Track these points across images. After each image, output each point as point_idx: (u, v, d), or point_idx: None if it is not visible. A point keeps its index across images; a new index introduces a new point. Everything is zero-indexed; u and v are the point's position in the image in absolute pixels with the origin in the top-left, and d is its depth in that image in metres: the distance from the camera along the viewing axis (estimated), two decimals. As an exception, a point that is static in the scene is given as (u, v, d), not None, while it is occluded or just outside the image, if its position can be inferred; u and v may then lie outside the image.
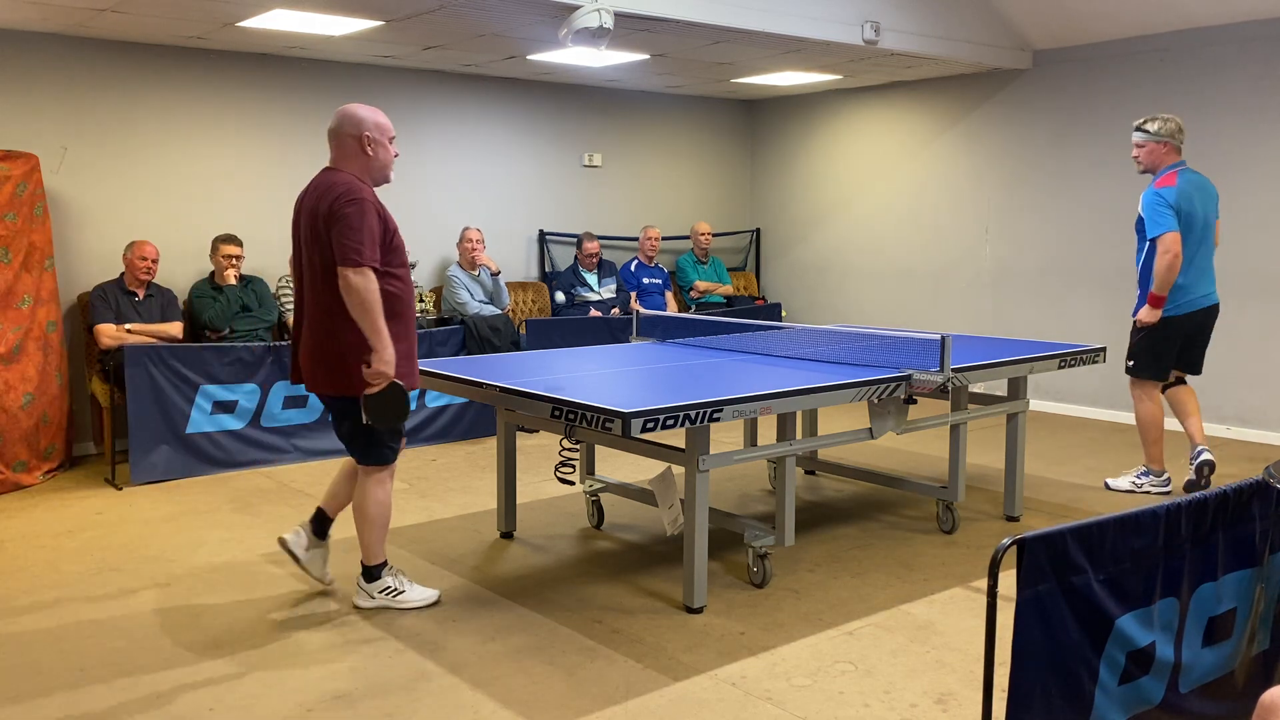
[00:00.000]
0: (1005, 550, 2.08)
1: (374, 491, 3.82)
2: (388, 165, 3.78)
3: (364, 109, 3.75)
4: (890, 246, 8.85)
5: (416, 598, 3.89)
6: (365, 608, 3.87)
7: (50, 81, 6.33)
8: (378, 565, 3.89)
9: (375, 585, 3.88)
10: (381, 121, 3.76)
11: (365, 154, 3.71)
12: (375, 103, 7.56)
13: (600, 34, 5.44)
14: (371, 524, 3.83)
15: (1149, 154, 5.23)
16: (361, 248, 3.51)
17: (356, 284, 3.51)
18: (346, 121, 3.71)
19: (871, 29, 6.67)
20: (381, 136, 3.74)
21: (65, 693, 3.22)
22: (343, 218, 3.53)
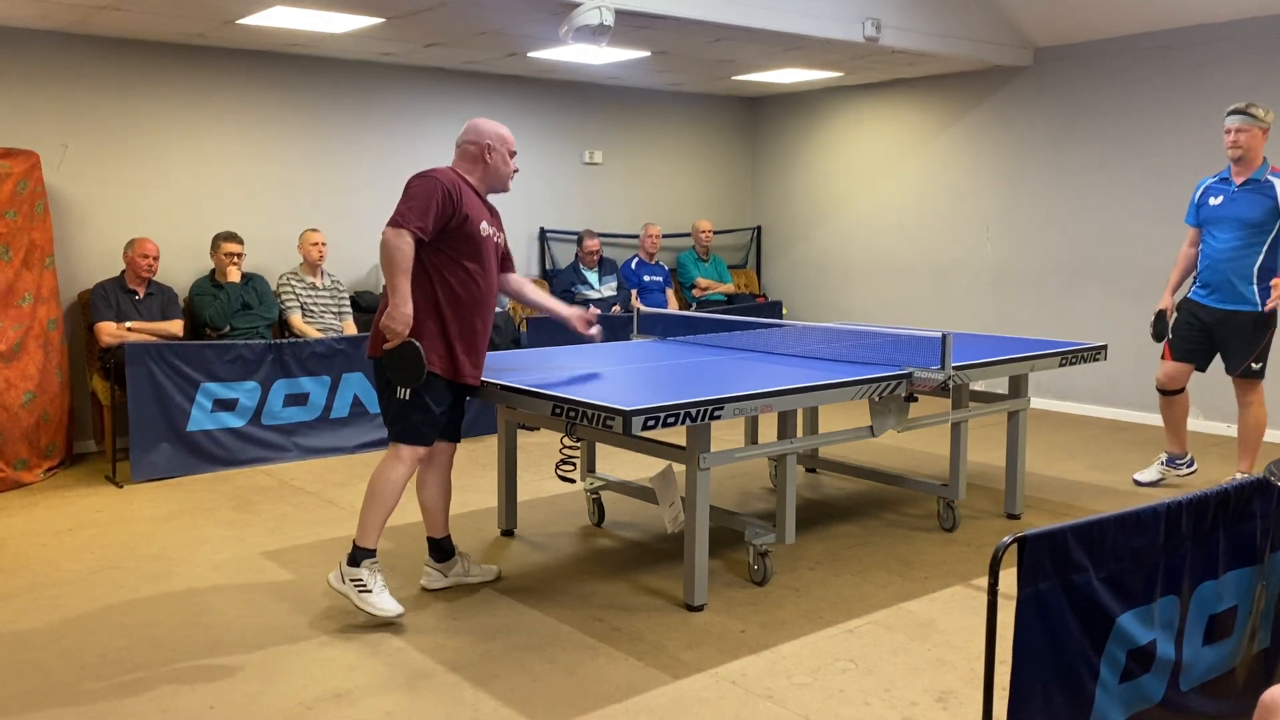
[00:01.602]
0: (1006, 548, 2.08)
1: (392, 470, 3.76)
2: (506, 176, 3.95)
3: (488, 122, 3.96)
4: (891, 244, 8.84)
5: (380, 605, 3.70)
6: (332, 586, 3.79)
7: (50, 79, 6.33)
8: (366, 551, 3.76)
9: (351, 571, 3.75)
10: (504, 134, 3.94)
11: (484, 161, 3.89)
12: (376, 100, 7.58)
13: (601, 31, 5.44)
14: (379, 502, 3.76)
15: (1250, 139, 4.95)
16: (409, 212, 3.63)
17: (388, 238, 3.61)
18: (469, 132, 3.93)
19: (872, 26, 6.66)
20: (502, 148, 3.92)
21: (65, 691, 3.22)
22: (407, 187, 3.74)
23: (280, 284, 6.76)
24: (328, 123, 7.40)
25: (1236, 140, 4.97)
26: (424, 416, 3.74)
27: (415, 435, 3.76)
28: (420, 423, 3.75)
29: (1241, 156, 4.99)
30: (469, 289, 3.76)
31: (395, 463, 3.77)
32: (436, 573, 4.07)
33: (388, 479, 3.76)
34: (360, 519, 3.79)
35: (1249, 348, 5.10)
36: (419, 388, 3.67)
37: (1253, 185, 5.00)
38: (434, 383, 3.72)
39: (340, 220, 7.45)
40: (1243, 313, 5.06)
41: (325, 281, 6.91)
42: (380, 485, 3.76)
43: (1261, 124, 4.97)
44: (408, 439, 3.76)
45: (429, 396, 3.72)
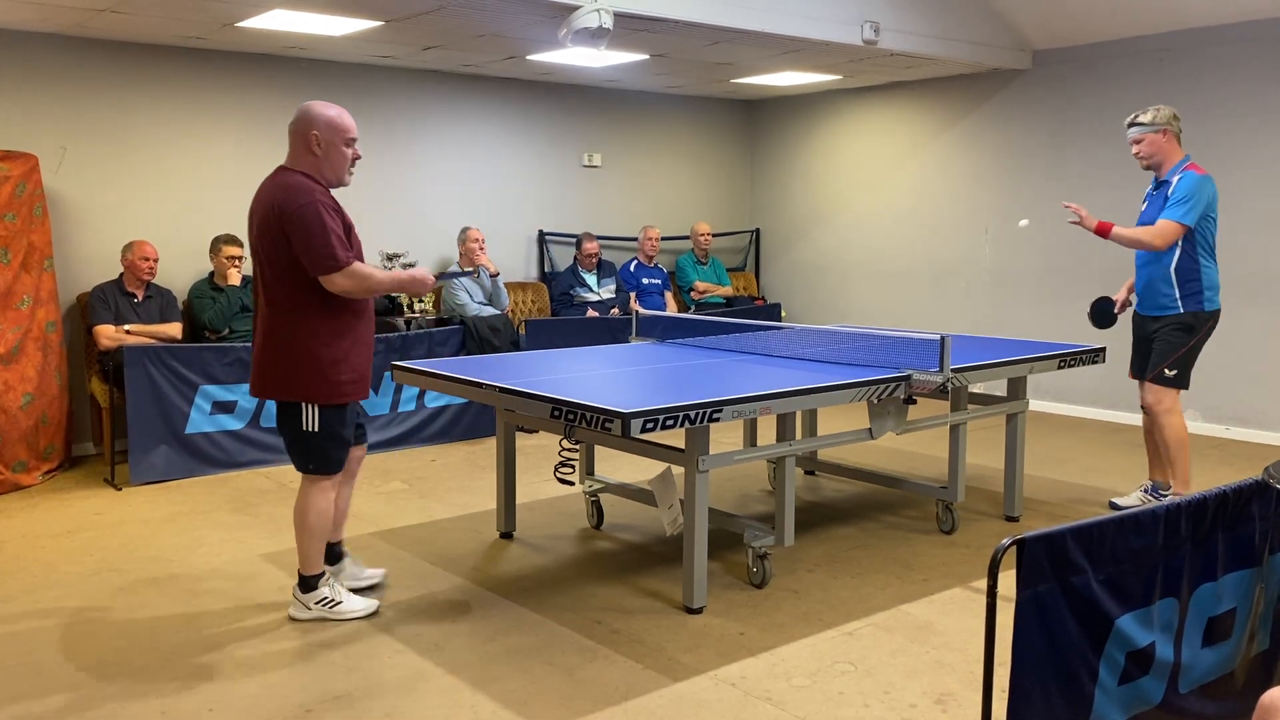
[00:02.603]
0: (1005, 550, 2.08)
1: (315, 500, 3.68)
2: (340, 168, 3.61)
3: (321, 106, 3.58)
4: (890, 246, 8.85)
5: (354, 608, 3.77)
6: (300, 619, 3.74)
7: (50, 81, 6.33)
8: (315, 576, 3.75)
9: (312, 596, 3.75)
10: (335, 120, 3.56)
11: (313, 154, 3.56)
12: (375, 103, 7.58)
13: (600, 34, 5.44)
14: (311, 533, 3.70)
15: (1150, 145, 4.89)
16: (333, 250, 3.45)
17: (347, 286, 3.49)
18: (298, 119, 3.57)
19: (871, 29, 6.67)
20: (334, 137, 3.56)
21: (64, 693, 3.22)
22: (301, 225, 3.43)
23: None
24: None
25: (1138, 151, 4.93)
26: (335, 445, 3.67)
27: (332, 464, 3.70)
28: (333, 451, 3.68)
29: (1149, 164, 4.94)
30: (358, 300, 3.64)
31: (318, 493, 3.69)
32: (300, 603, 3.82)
33: (317, 509, 3.69)
34: (300, 552, 3.73)
35: (1166, 352, 4.92)
36: (330, 421, 3.60)
37: (1163, 186, 4.92)
38: (343, 411, 3.66)
39: (339, 223, 7.44)
40: (1166, 316, 4.92)
41: (324, 284, 6.90)
42: (311, 518, 3.69)
43: (1155, 127, 4.86)
44: (327, 470, 3.69)
45: (338, 426, 3.65)
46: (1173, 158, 4.90)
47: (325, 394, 3.59)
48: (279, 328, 3.55)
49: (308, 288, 3.52)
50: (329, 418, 3.62)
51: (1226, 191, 6.61)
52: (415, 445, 6.56)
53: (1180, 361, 4.93)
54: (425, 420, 6.62)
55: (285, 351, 3.55)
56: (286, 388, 3.58)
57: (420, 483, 5.72)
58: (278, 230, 3.48)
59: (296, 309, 3.53)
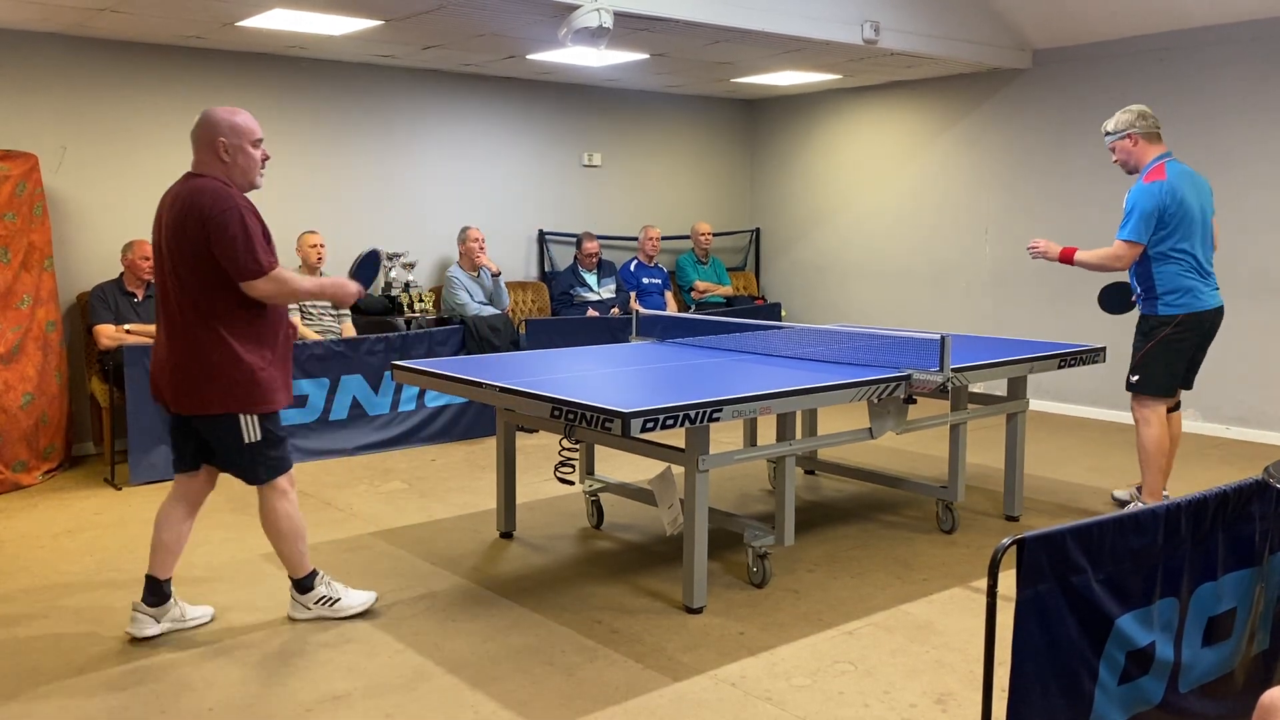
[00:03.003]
0: (1005, 550, 2.08)
1: (279, 505, 3.62)
2: (250, 171, 3.51)
3: (222, 111, 3.50)
4: (890, 246, 8.85)
5: (354, 603, 3.79)
6: (301, 619, 3.76)
7: (50, 81, 6.33)
8: (308, 576, 3.75)
9: (310, 596, 3.75)
10: (239, 124, 3.48)
11: (222, 160, 3.47)
12: (375, 103, 7.58)
13: (600, 33, 5.44)
14: (288, 539, 3.66)
15: (1123, 152, 4.82)
16: (253, 254, 3.36)
17: (270, 291, 3.41)
18: (202, 126, 3.48)
19: (871, 29, 6.67)
20: (240, 141, 3.47)
21: (64, 693, 3.22)
22: (222, 230, 3.34)
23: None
24: (326, 125, 7.40)
25: (1113, 160, 4.91)
26: (280, 442, 3.61)
27: (281, 464, 3.63)
28: (280, 449, 3.61)
29: (1126, 170, 4.88)
30: (271, 314, 3.56)
31: (279, 497, 3.63)
32: (149, 619, 3.61)
33: (287, 515, 3.64)
34: (284, 560, 3.72)
35: (1132, 357, 4.89)
36: (269, 427, 3.53)
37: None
38: (278, 416, 3.60)
39: (339, 222, 7.45)
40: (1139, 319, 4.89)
41: (324, 284, 6.90)
42: (282, 525, 3.64)
43: (1119, 134, 4.81)
44: (278, 471, 3.61)
45: (278, 429, 3.59)
46: (1144, 160, 4.80)
47: (261, 402, 3.50)
48: (202, 338, 3.42)
49: (230, 295, 3.42)
50: (266, 423, 3.53)
51: (1226, 191, 6.62)
52: (415, 445, 6.56)
53: (1140, 367, 4.83)
54: (425, 420, 6.63)
55: (213, 362, 3.43)
56: (219, 401, 3.45)
57: (420, 482, 5.72)
58: (198, 235, 3.36)
59: (219, 317, 3.42)
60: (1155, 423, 4.83)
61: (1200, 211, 4.77)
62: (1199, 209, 4.76)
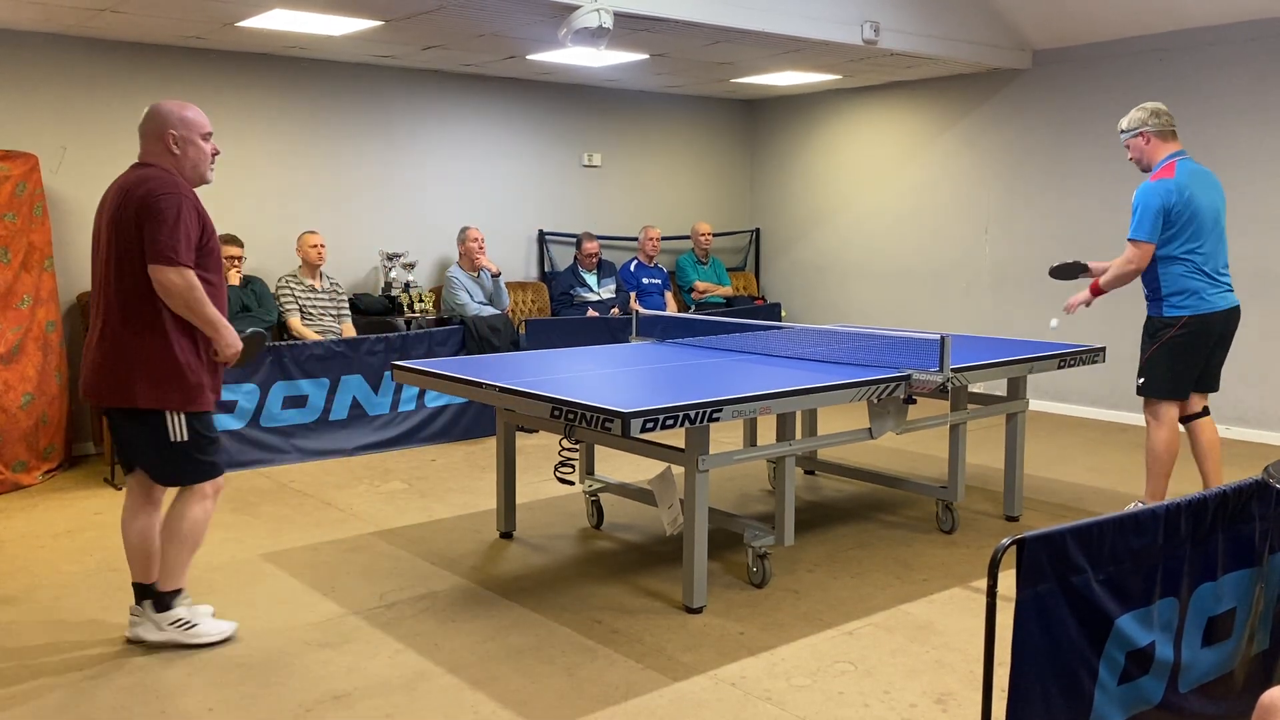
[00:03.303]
0: (1005, 550, 2.08)
1: (193, 509, 3.46)
2: (200, 164, 3.46)
3: (170, 104, 3.43)
4: (890, 246, 8.85)
5: (211, 631, 3.52)
6: (150, 641, 3.48)
7: (49, 81, 6.33)
8: (173, 593, 3.49)
9: (166, 616, 3.49)
10: (190, 117, 3.42)
11: (171, 154, 3.40)
12: (375, 103, 7.58)
13: (600, 34, 5.44)
14: (181, 544, 3.46)
15: (1135, 151, 4.73)
16: (177, 245, 3.25)
17: (175, 284, 3.26)
18: (150, 119, 3.40)
19: (871, 29, 6.67)
20: (190, 133, 3.41)
21: (63, 693, 3.22)
22: (156, 212, 3.25)
23: (279, 287, 6.76)
24: (327, 125, 7.40)
25: (1130, 158, 4.80)
26: (211, 448, 3.49)
27: (210, 469, 3.49)
28: (210, 454, 3.49)
29: (1140, 168, 4.77)
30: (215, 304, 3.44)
31: (198, 502, 3.47)
32: (151, 623, 3.54)
33: (194, 520, 3.47)
34: (165, 564, 3.48)
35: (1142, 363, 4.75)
36: (198, 427, 3.42)
37: None
38: (208, 416, 3.49)
39: (339, 223, 7.46)
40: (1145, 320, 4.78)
41: (324, 284, 6.91)
42: (188, 528, 3.46)
43: (1131, 132, 4.72)
44: (205, 475, 3.48)
45: (209, 431, 3.47)
46: (1155, 158, 4.69)
47: (190, 400, 3.39)
48: (136, 329, 3.32)
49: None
50: (195, 424, 3.42)
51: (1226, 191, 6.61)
52: (415, 445, 6.56)
53: (1145, 369, 4.71)
54: (425, 420, 6.62)
55: (145, 355, 3.31)
56: (145, 395, 3.33)
57: (420, 482, 5.72)
58: (135, 222, 3.29)
59: (157, 309, 3.32)
60: (1163, 425, 4.69)
61: (1213, 211, 4.63)
62: (1211, 209, 4.62)
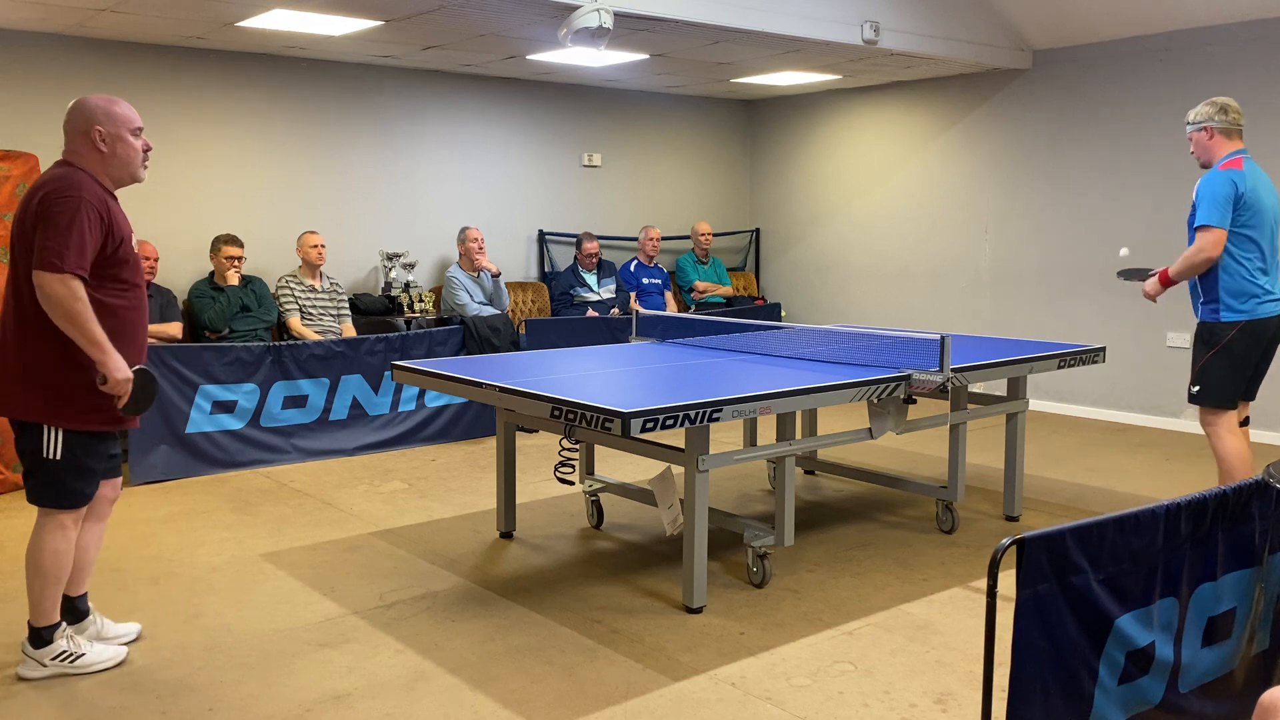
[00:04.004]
0: (1005, 550, 2.08)
1: (49, 539, 3.19)
2: (131, 162, 3.26)
3: (96, 99, 3.23)
4: (890, 246, 8.85)
5: (99, 658, 3.31)
6: (34, 678, 3.25)
7: (49, 81, 6.33)
8: (49, 627, 3.25)
9: (46, 652, 3.26)
10: (118, 112, 3.23)
11: (98, 151, 3.19)
12: (374, 103, 7.58)
13: (600, 34, 5.44)
14: (45, 578, 3.20)
15: (1198, 146, 4.52)
16: (65, 251, 3.00)
17: (56, 293, 3.00)
18: (74, 115, 3.20)
19: (871, 29, 6.67)
20: (119, 129, 3.22)
21: (63, 692, 3.22)
22: (49, 216, 3.03)
23: (279, 286, 6.76)
24: (326, 125, 7.40)
25: (1193, 152, 4.62)
26: (84, 476, 3.22)
27: (74, 498, 3.22)
28: (82, 483, 3.22)
29: (1201, 163, 4.59)
30: (126, 318, 3.21)
31: (56, 531, 3.20)
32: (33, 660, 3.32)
33: (54, 551, 3.20)
34: (32, 600, 3.24)
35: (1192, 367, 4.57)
36: (76, 450, 3.17)
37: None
38: (97, 441, 3.23)
39: (339, 223, 7.46)
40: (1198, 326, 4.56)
41: (324, 284, 6.91)
42: (46, 560, 3.20)
43: (1196, 125, 4.54)
44: (69, 504, 3.21)
45: (88, 459, 3.21)
46: (1217, 155, 4.49)
47: (71, 417, 3.15)
48: (28, 335, 3.12)
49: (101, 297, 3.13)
50: (74, 445, 3.17)
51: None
52: (415, 445, 6.56)
53: (1200, 377, 4.49)
54: (425, 420, 6.63)
55: (29, 364, 3.12)
56: (25, 405, 3.13)
57: (420, 483, 5.73)
58: (32, 224, 3.09)
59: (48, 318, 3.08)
60: (1226, 432, 4.49)
61: (1273, 212, 4.48)
62: (1273, 210, 4.48)
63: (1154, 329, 7.16)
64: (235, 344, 6.03)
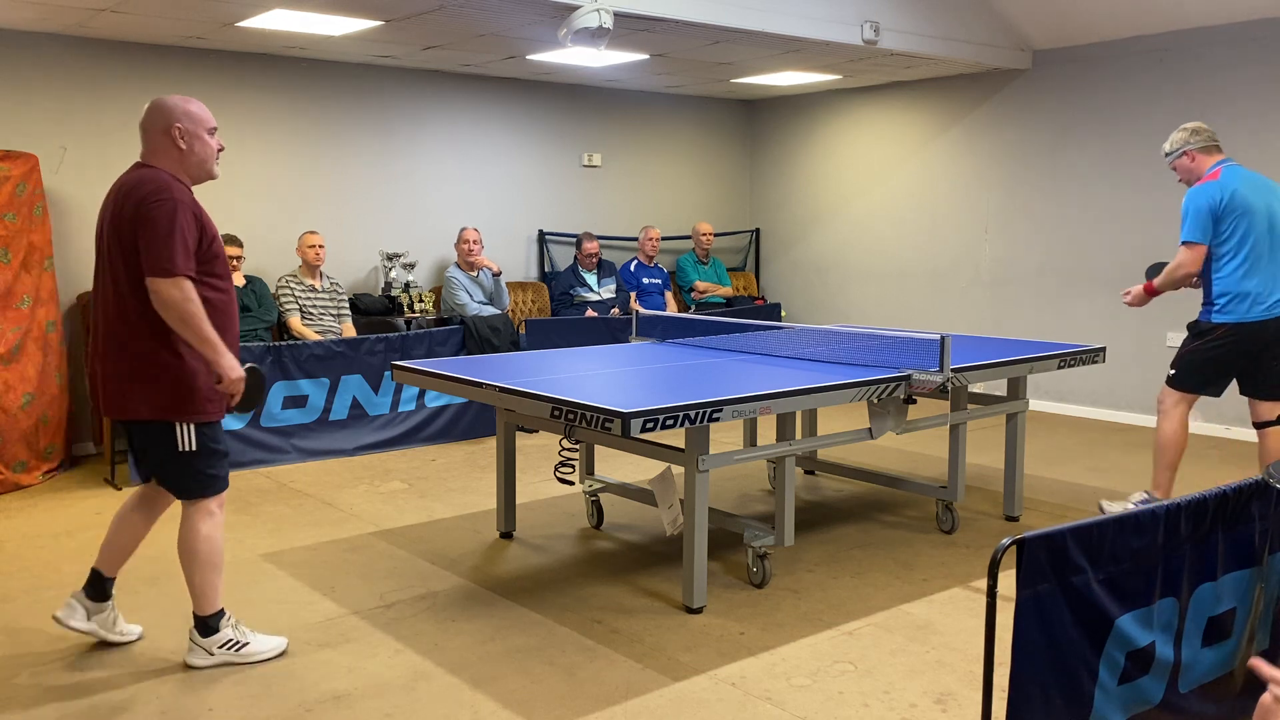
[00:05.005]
0: (1005, 550, 2.08)
1: (203, 526, 3.34)
2: (207, 160, 3.38)
3: (175, 99, 3.34)
4: (890, 246, 8.85)
5: (263, 648, 3.44)
6: (201, 667, 3.37)
7: (49, 81, 6.33)
8: (215, 615, 3.39)
9: (214, 640, 3.39)
10: (195, 111, 3.34)
11: (178, 148, 3.31)
12: (374, 103, 7.58)
13: (600, 34, 5.44)
14: (204, 566, 3.35)
15: (1182, 171, 4.75)
16: (174, 254, 3.13)
17: (172, 297, 3.13)
18: (154, 114, 3.31)
19: (871, 29, 6.67)
20: (196, 128, 3.33)
21: (64, 692, 3.22)
22: (150, 220, 3.15)
23: (279, 286, 6.76)
24: (326, 125, 7.40)
25: (1179, 179, 4.83)
26: (219, 460, 3.38)
27: (217, 483, 3.38)
28: (218, 467, 3.38)
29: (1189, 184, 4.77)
30: (224, 311, 3.33)
31: (205, 518, 3.35)
32: (83, 610, 3.50)
33: (207, 538, 3.35)
34: (192, 590, 3.38)
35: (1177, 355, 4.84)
36: (208, 438, 3.32)
37: None
38: (219, 426, 3.39)
39: (339, 223, 7.46)
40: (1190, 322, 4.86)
41: (324, 284, 6.91)
42: (205, 549, 3.35)
43: (1175, 154, 4.75)
44: (213, 490, 3.37)
45: (219, 443, 3.37)
46: (1201, 172, 4.70)
47: (198, 408, 3.28)
48: (136, 341, 3.23)
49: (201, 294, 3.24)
50: (205, 434, 3.32)
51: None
52: (415, 445, 6.56)
53: (1181, 362, 4.78)
54: (425, 420, 6.63)
55: (148, 366, 3.23)
56: (150, 405, 3.24)
57: (421, 482, 5.73)
58: (131, 228, 3.19)
59: (154, 318, 3.20)
60: (1169, 417, 4.77)
61: (1267, 214, 4.59)
62: (1265, 211, 4.59)
63: (1154, 329, 7.16)
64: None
